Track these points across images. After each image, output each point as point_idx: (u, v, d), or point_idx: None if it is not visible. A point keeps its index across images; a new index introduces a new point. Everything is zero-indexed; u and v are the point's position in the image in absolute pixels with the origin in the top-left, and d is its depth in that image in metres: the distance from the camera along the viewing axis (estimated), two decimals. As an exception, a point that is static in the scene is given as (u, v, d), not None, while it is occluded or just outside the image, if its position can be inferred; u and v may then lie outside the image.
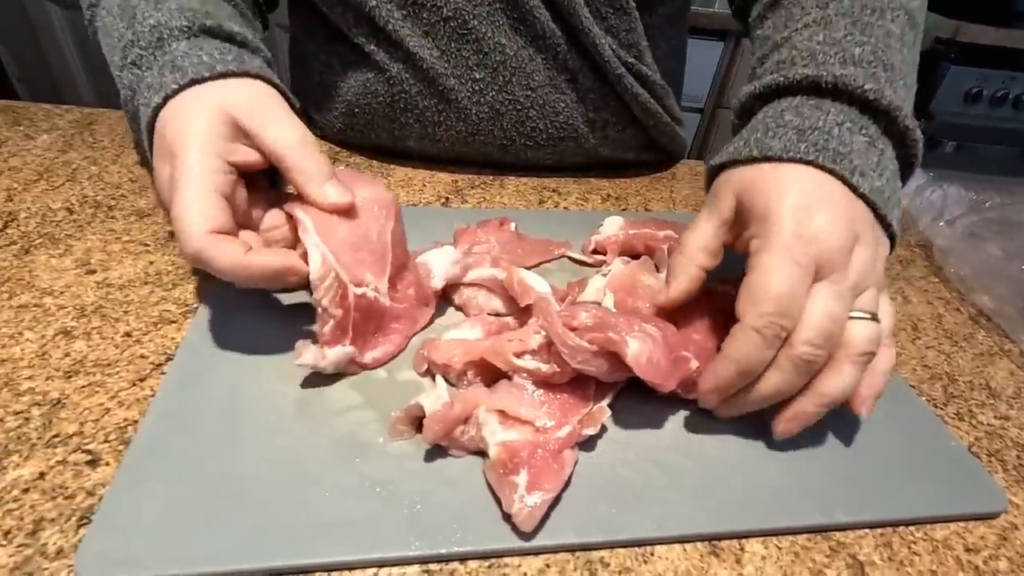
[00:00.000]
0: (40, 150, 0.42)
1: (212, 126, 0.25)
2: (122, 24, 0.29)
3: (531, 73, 0.40)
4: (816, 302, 0.23)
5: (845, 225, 0.24)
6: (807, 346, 0.23)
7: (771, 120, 0.27)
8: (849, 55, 0.28)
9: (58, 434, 0.23)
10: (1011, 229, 0.42)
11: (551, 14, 0.38)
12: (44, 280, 0.31)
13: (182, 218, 0.23)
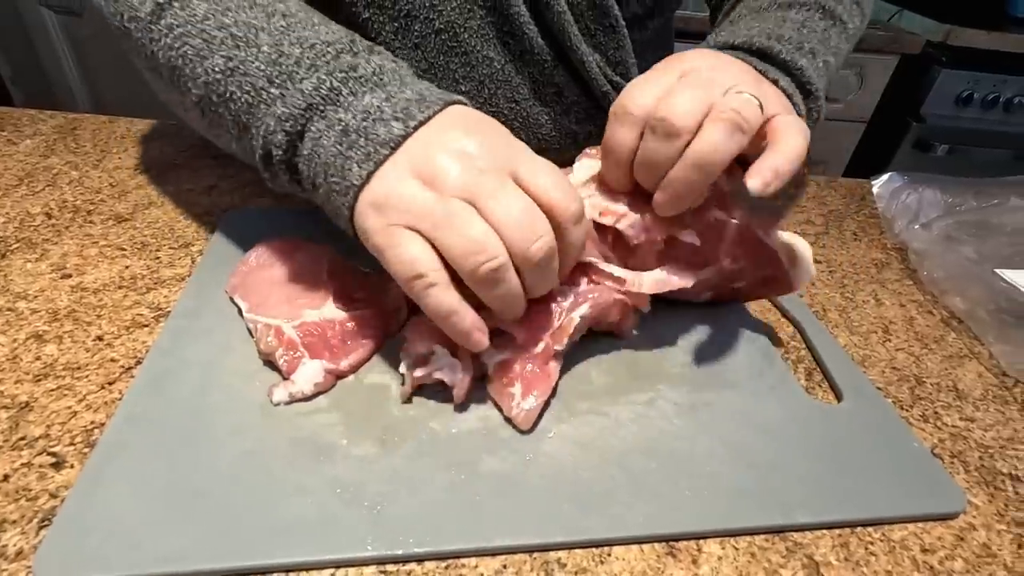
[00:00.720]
0: (23, 155, 0.43)
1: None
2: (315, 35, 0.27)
3: (516, 87, 0.40)
4: (680, 87, 0.26)
5: (735, 65, 0.29)
6: (673, 106, 0.25)
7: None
8: (777, 34, 0.33)
9: (24, 437, 0.24)
10: (986, 232, 0.42)
11: (540, 30, 0.38)
12: (19, 284, 0.31)
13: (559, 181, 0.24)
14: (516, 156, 0.24)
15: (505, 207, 0.23)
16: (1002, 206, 0.44)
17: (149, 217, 0.37)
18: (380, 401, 0.26)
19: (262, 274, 0.31)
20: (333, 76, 0.25)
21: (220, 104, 0.27)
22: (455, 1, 0.37)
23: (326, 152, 0.24)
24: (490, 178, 0.23)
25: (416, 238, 0.23)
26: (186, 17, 0.27)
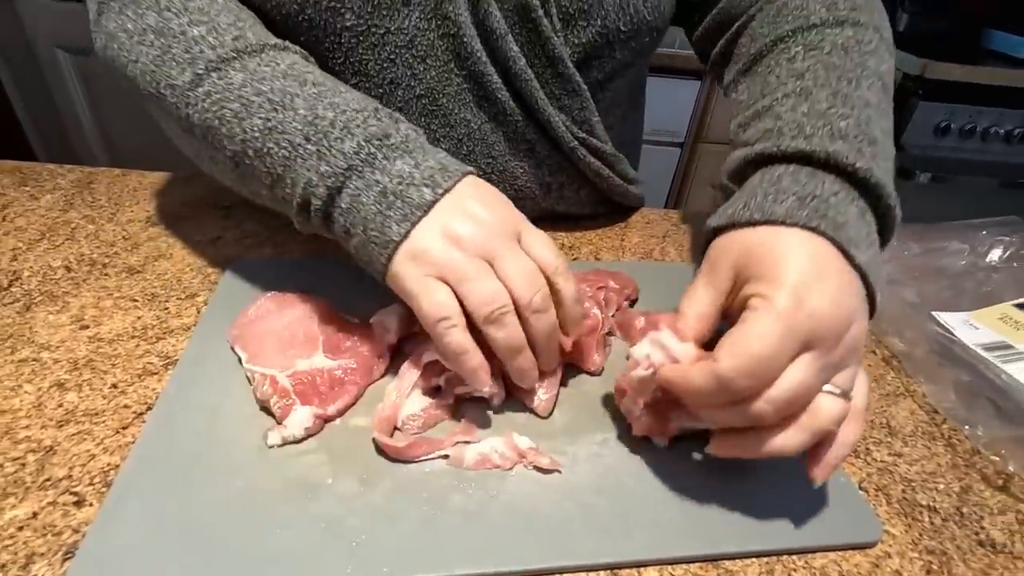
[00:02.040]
0: (43, 210, 0.47)
1: None
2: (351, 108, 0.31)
3: (492, 144, 0.44)
4: (797, 369, 0.24)
5: (844, 303, 0.25)
6: (769, 406, 0.24)
7: (769, 186, 0.29)
8: (836, 129, 0.30)
9: (49, 478, 0.27)
10: (927, 275, 0.46)
11: (511, 94, 0.42)
12: (42, 336, 0.35)
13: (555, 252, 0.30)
14: (518, 224, 0.31)
15: (513, 267, 0.28)
16: (943, 251, 0.47)
17: (159, 269, 0.41)
18: (363, 443, 0.30)
19: (259, 326, 0.34)
20: (370, 143, 0.30)
21: (256, 159, 0.31)
22: (434, 70, 0.41)
23: (365, 209, 0.29)
24: (501, 242, 0.29)
25: (443, 287, 0.28)
26: (224, 85, 0.31)
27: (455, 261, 0.28)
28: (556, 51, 0.40)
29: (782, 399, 0.24)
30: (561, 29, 0.41)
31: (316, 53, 0.40)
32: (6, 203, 0.47)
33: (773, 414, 0.24)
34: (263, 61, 0.32)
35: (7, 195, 0.48)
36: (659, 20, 0.44)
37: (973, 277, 0.46)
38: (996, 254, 0.47)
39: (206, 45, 0.32)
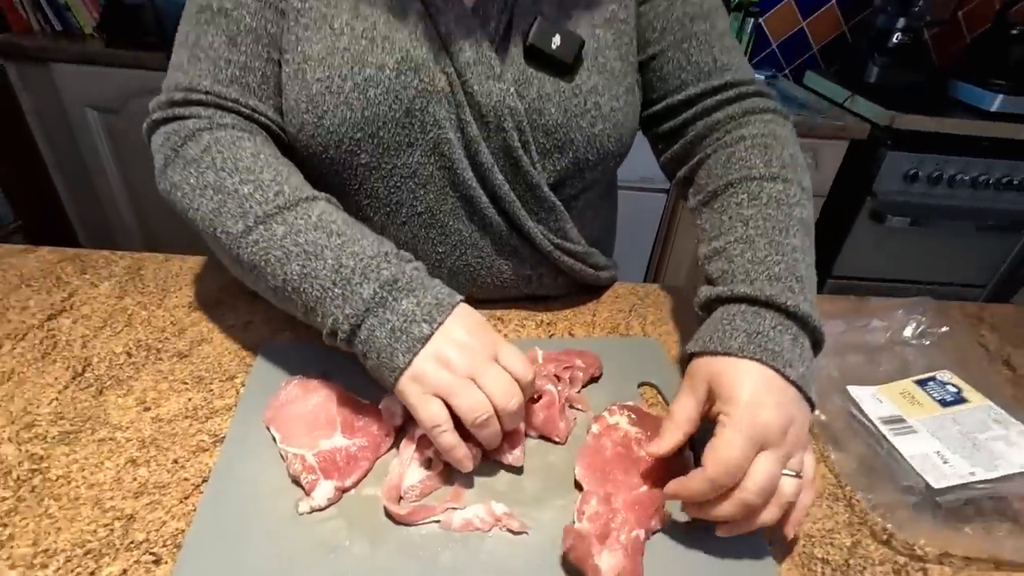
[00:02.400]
0: (103, 297, 0.55)
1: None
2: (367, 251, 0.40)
3: (482, 248, 0.53)
4: (760, 464, 0.34)
5: (785, 411, 0.35)
6: (751, 495, 0.34)
7: (726, 323, 0.40)
8: (772, 273, 0.41)
9: (132, 540, 0.35)
10: (849, 351, 0.54)
11: (496, 211, 0.51)
12: (115, 417, 0.43)
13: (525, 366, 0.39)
14: (496, 345, 0.39)
15: (493, 382, 0.37)
16: (865, 328, 0.55)
17: (202, 353, 0.50)
18: (374, 509, 0.38)
19: (289, 409, 0.43)
20: (383, 288, 0.38)
21: (293, 294, 0.40)
22: (432, 193, 0.50)
23: (379, 342, 0.38)
24: (482, 362, 0.38)
25: (437, 401, 0.37)
26: (268, 236, 0.40)
27: (446, 381, 0.37)
28: (534, 179, 0.49)
29: (757, 486, 0.34)
30: (539, 160, 0.50)
31: (337, 182, 0.50)
32: (71, 291, 0.56)
33: (755, 499, 0.34)
34: (299, 214, 0.41)
35: (71, 283, 0.57)
36: (623, 148, 0.53)
37: (890, 352, 0.54)
38: (909, 331, 0.55)
39: (254, 202, 0.41)
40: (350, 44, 0.45)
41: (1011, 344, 0.62)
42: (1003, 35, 1.54)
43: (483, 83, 0.46)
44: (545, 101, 0.48)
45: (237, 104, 0.47)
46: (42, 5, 1.39)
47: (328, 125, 0.46)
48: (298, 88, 0.47)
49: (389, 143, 0.47)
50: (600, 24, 0.50)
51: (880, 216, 1.48)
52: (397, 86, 0.46)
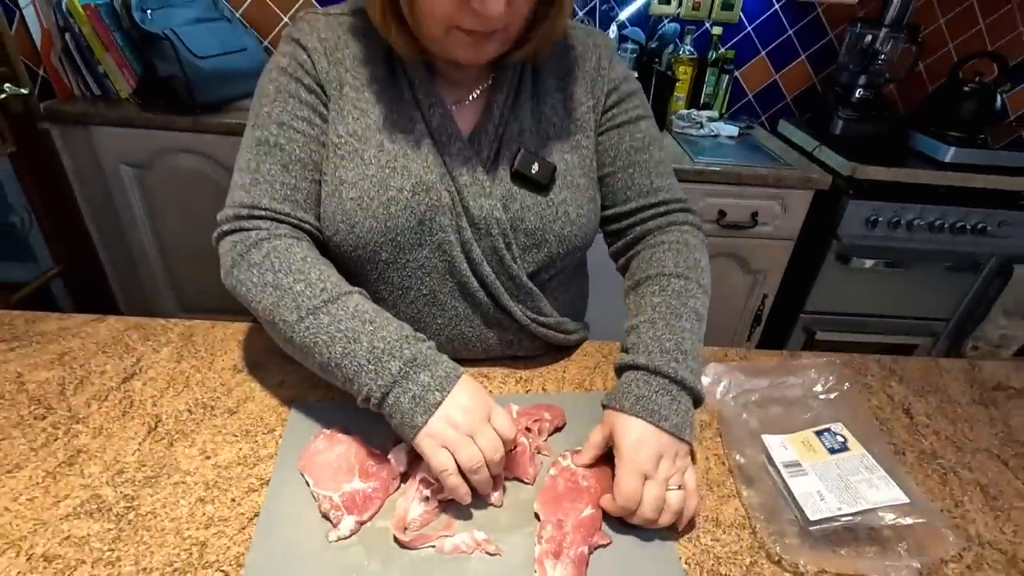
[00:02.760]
0: (164, 361, 0.68)
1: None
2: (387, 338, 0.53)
3: (472, 321, 0.66)
4: (648, 490, 0.50)
5: (657, 451, 0.52)
6: (646, 511, 0.50)
7: (625, 387, 0.56)
8: (664, 348, 0.57)
9: (207, 561, 0.47)
10: (768, 404, 0.66)
11: (484, 294, 0.64)
12: (184, 465, 0.55)
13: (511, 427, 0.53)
14: (489, 409, 0.53)
15: (485, 440, 0.51)
16: (783, 384, 0.68)
17: (248, 410, 0.62)
18: (385, 537, 0.50)
19: (318, 458, 0.55)
20: (406, 364, 0.52)
21: (336, 369, 0.53)
22: (435, 280, 0.63)
23: (402, 407, 0.51)
24: (478, 423, 0.51)
25: (445, 451, 0.50)
26: (317, 324, 0.54)
27: (452, 437, 0.50)
28: (514, 271, 0.63)
29: (649, 506, 0.50)
30: (519, 255, 0.63)
31: (360, 272, 0.64)
32: (139, 356, 0.69)
33: (652, 514, 0.50)
34: (339, 306, 0.54)
35: (138, 349, 0.70)
36: (587, 242, 0.68)
37: (803, 404, 0.66)
38: (820, 387, 0.67)
39: (304, 297, 0.54)
40: (377, 172, 0.60)
41: (914, 394, 0.74)
42: (957, 90, 1.68)
43: (476, 199, 0.60)
44: (526, 211, 0.62)
45: (289, 217, 0.61)
46: (84, 74, 1.55)
47: (358, 232, 0.60)
48: (335, 204, 0.61)
49: (403, 244, 0.61)
50: (568, 151, 0.65)
51: (846, 258, 1.61)
52: (412, 203, 0.60)
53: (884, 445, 0.60)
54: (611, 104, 0.68)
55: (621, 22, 1.82)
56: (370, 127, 0.61)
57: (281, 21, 1.79)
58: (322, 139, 0.62)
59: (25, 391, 0.62)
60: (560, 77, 0.67)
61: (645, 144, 0.68)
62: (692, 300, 0.62)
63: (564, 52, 0.67)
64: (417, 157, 0.60)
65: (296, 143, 0.61)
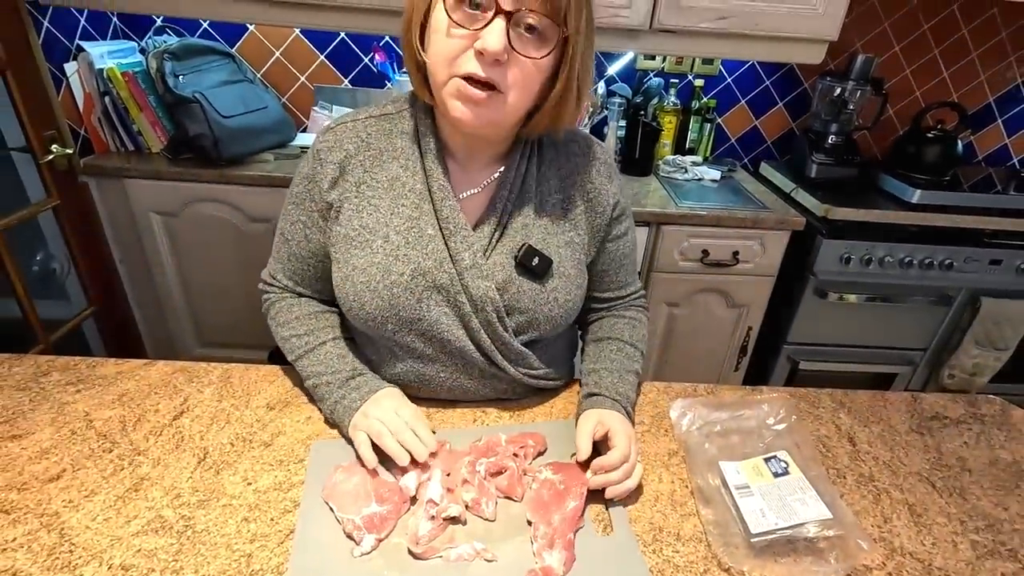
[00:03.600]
0: (208, 401, 0.80)
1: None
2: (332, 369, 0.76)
3: (471, 375, 0.78)
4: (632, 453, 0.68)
5: (630, 434, 0.70)
6: (633, 462, 0.69)
7: (600, 400, 0.75)
8: (618, 391, 0.76)
9: (253, 570, 0.58)
10: (727, 435, 0.76)
11: (480, 355, 0.75)
12: (230, 490, 0.66)
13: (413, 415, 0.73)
14: (396, 406, 0.73)
15: (387, 420, 0.70)
16: (740, 417, 0.78)
17: (280, 442, 0.73)
18: (401, 551, 0.60)
19: (339, 488, 0.66)
20: (342, 388, 0.75)
21: (316, 395, 0.75)
22: (436, 344, 0.75)
23: (339, 416, 0.74)
24: (384, 413, 0.71)
25: (363, 433, 0.70)
26: (302, 366, 0.79)
27: (363, 424, 0.71)
28: (507, 340, 0.75)
29: (635, 464, 0.68)
30: (512, 328, 0.75)
31: (372, 336, 0.77)
32: (185, 396, 0.80)
33: (634, 463, 0.68)
34: (315, 354, 0.77)
35: (184, 390, 0.81)
36: (571, 320, 0.80)
37: (758, 434, 0.77)
38: (772, 420, 0.78)
39: (295, 347, 0.79)
40: (383, 259, 0.71)
41: (859, 424, 0.84)
42: (920, 137, 1.81)
43: (475, 281, 0.72)
44: (521, 295, 0.74)
45: (294, 290, 0.84)
46: (119, 132, 1.70)
47: (367, 310, 0.72)
48: (348, 287, 0.73)
49: (406, 319, 0.73)
50: (563, 246, 0.77)
51: (823, 293, 1.72)
52: (412, 285, 0.71)
53: (821, 469, 0.70)
54: (615, 216, 0.81)
55: (610, 77, 1.98)
56: (380, 220, 0.72)
57: (298, 81, 1.95)
58: (315, 238, 0.78)
59: (93, 428, 0.73)
60: (561, 179, 0.78)
61: (629, 251, 0.87)
62: (636, 365, 0.83)
63: (567, 156, 0.78)
64: (418, 245, 0.72)
65: (298, 243, 0.79)
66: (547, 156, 0.77)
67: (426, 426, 0.72)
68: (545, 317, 0.75)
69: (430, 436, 0.71)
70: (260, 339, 1.81)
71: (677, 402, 0.81)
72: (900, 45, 1.96)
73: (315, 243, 0.78)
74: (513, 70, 0.60)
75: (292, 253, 0.80)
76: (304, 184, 0.76)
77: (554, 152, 0.77)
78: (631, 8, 1.51)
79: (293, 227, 0.78)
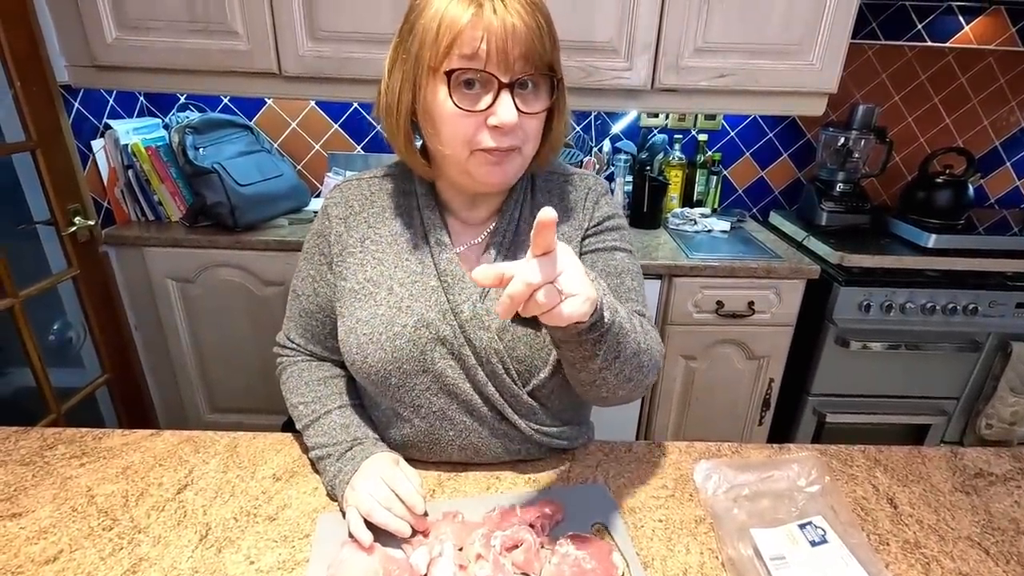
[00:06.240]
0: (213, 472, 0.77)
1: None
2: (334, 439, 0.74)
3: (480, 433, 0.75)
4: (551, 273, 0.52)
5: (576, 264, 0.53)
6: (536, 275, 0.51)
7: None
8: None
9: (252, 661, 0.54)
10: (757, 498, 0.72)
11: (488, 408, 0.73)
12: (231, 569, 0.63)
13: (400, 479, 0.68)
14: (383, 472, 0.69)
15: (375, 492, 0.66)
16: (770, 479, 0.74)
17: (285, 516, 0.70)
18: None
19: (345, 566, 0.62)
20: (339, 461, 0.72)
21: (318, 463, 0.71)
22: (442, 399, 0.73)
23: (336, 490, 0.71)
24: (372, 483, 0.67)
25: (353, 508, 0.66)
26: (308, 435, 0.76)
27: (353, 498, 0.67)
28: (515, 391, 0.72)
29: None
30: (517, 378, 0.73)
31: (376, 392, 0.74)
32: (191, 468, 0.78)
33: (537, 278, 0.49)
34: (321, 422, 0.75)
35: (190, 461, 0.79)
36: None
37: (789, 497, 0.72)
38: (803, 481, 0.73)
39: (303, 415, 0.77)
40: (386, 312, 0.71)
41: (898, 483, 0.79)
42: (929, 182, 1.81)
43: (476, 332, 0.71)
44: (517, 342, 0.72)
45: (305, 349, 0.84)
46: (140, 202, 1.76)
47: (370, 362, 0.71)
48: (352, 339, 0.72)
49: (409, 371, 0.71)
50: None
51: (844, 342, 1.67)
52: (414, 337, 0.70)
53: (861, 536, 0.65)
54: (590, 233, 0.76)
55: (615, 135, 2.03)
56: (383, 273, 0.73)
57: (313, 149, 2.03)
58: (324, 292, 0.78)
59: (95, 504, 0.71)
60: (558, 222, 0.78)
61: (618, 271, 0.75)
62: (642, 337, 0.65)
63: (563, 195, 0.78)
64: (421, 297, 0.72)
65: (308, 297, 0.80)
66: (540, 201, 0.77)
67: (413, 487, 0.68)
68: (543, 362, 0.72)
69: (415, 496, 0.67)
70: (272, 404, 1.79)
71: (701, 464, 0.77)
72: (900, 95, 1.99)
73: (323, 297, 0.78)
74: (524, 127, 0.64)
75: (303, 309, 0.80)
76: (314, 240, 0.79)
77: (547, 196, 0.78)
78: (632, 70, 1.57)
79: (303, 282, 0.80)
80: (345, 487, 0.69)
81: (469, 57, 0.59)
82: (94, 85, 1.59)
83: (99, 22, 1.48)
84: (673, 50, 1.55)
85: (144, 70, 1.55)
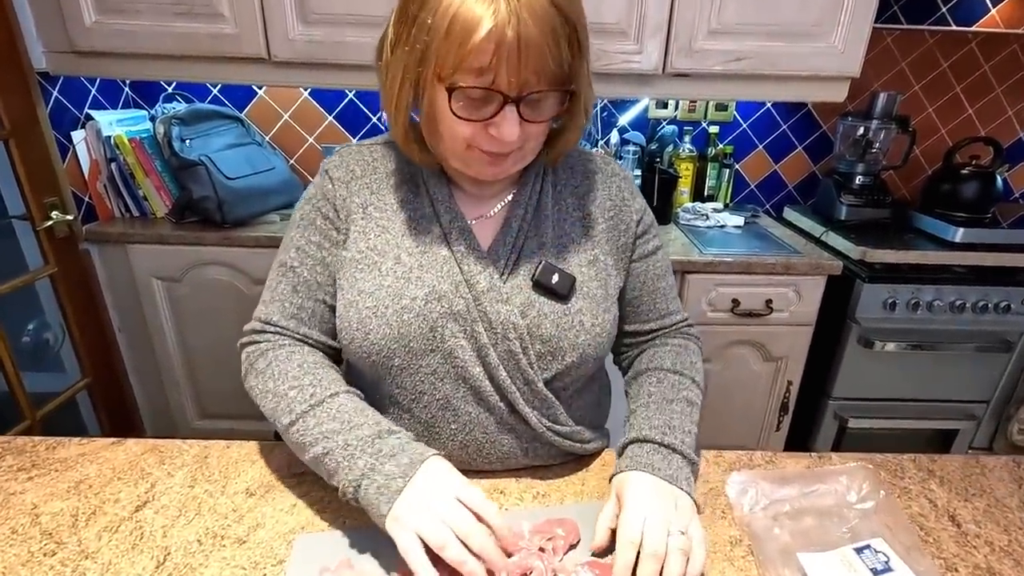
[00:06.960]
0: (178, 486, 0.68)
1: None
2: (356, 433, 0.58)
3: (487, 426, 0.66)
4: (650, 528, 0.53)
5: (653, 493, 0.57)
6: (652, 546, 0.52)
7: (627, 457, 0.62)
8: (652, 424, 0.64)
9: None
10: (800, 516, 0.62)
11: (499, 398, 0.64)
12: (190, 604, 0.53)
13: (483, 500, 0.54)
14: (457, 487, 0.54)
15: (449, 515, 0.51)
16: (814, 493, 0.64)
17: (257, 538, 0.61)
18: None
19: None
20: (373, 458, 0.55)
21: (320, 466, 0.59)
22: (448, 386, 0.64)
23: (370, 498, 0.54)
24: (445, 504, 0.52)
25: (410, 533, 0.51)
26: (304, 427, 0.59)
27: (416, 521, 0.51)
28: (530, 377, 0.63)
29: (653, 540, 0.53)
30: (536, 361, 0.64)
31: (375, 377, 0.65)
32: (153, 482, 0.68)
33: (656, 547, 0.52)
34: (324, 408, 0.60)
35: (153, 474, 0.70)
36: (601, 352, 0.68)
37: (839, 515, 0.62)
38: (853, 496, 0.64)
39: (296, 402, 0.61)
40: (392, 283, 0.63)
41: (958, 498, 0.69)
42: (955, 174, 1.72)
43: (494, 305, 0.63)
44: (543, 319, 0.64)
45: (294, 333, 0.68)
46: (124, 197, 1.68)
47: (372, 339, 0.63)
48: (352, 312, 0.64)
49: (416, 350, 0.63)
50: (585, 264, 0.68)
51: (868, 342, 1.57)
52: (425, 311, 0.62)
53: (930, 562, 0.55)
54: (640, 233, 0.74)
55: (622, 126, 1.94)
56: (389, 242, 0.66)
57: (306, 142, 1.94)
58: (328, 260, 0.67)
59: (38, 524, 0.62)
60: (579, 196, 0.71)
61: (663, 272, 0.76)
62: (685, 391, 0.68)
63: (585, 174, 0.73)
64: (432, 268, 0.64)
65: (305, 266, 0.67)
66: (561, 177, 0.72)
67: (493, 508, 0.54)
68: (571, 344, 0.64)
69: (509, 532, 0.54)
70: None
71: (733, 476, 0.67)
72: (920, 84, 1.90)
73: (334, 267, 0.68)
74: (526, 130, 0.58)
75: (296, 283, 0.67)
76: (314, 203, 0.69)
77: (569, 173, 0.72)
78: (642, 54, 1.48)
79: (298, 252, 0.68)
80: (392, 497, 0.52)
81: (478, 72, 0.53)
82: (73, 72, 1.51)
83: (77, 4, 1.40)
84: (686, 32, 1.46)
85: (126, 56, 1.47)
